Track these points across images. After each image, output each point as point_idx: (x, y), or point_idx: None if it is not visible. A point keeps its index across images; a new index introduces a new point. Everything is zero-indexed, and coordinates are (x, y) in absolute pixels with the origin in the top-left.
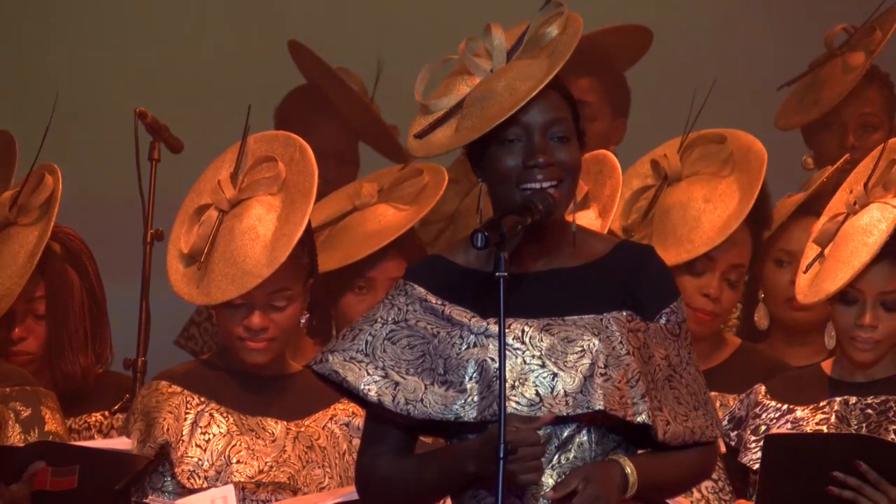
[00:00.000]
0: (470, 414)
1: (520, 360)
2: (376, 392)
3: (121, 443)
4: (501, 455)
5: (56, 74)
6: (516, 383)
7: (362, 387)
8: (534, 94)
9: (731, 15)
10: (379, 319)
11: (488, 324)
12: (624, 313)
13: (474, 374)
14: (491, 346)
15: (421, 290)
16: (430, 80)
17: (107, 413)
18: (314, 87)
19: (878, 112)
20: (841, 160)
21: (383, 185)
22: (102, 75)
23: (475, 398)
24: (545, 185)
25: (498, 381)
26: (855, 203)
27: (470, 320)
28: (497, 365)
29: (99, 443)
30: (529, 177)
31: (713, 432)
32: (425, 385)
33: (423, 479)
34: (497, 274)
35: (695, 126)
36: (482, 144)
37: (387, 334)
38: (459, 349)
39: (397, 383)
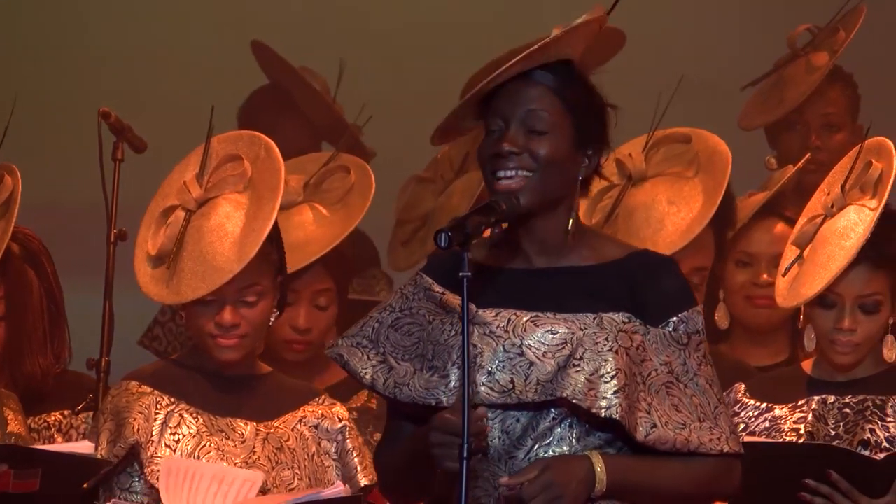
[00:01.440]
0: (449, 400)
1: (501, 347)
2: (371, 376)
3: (83, 446)
4: (465, 455)
5: (17, 74)
6: (494, 370)
7: (360, 370)
8: (488, 82)
9: (696, 14)
10: (388, 308)
11: (476, 311)
12: (620, 315)
13: (457, 360)
14: (476, 334)
15: (428, 280)
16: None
17: (66, 412)
18: (277, 86)
19: (841, 112)
20: (802, 160)
21: (309, 177)
22: (65, 75)
23: (455, 384)
24: (510, 173)
25: (476, 369)
26: (832, 205)
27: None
28: (478, 351)
29: (62, 446)
30: (499, 164)
31: (720, 446)
32: (415, 370)
33: (400, 460)
34: (461, 274)
35: (659, 125)
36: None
37: (391, 322)
38: (448, 336)
39: (391, 368)
